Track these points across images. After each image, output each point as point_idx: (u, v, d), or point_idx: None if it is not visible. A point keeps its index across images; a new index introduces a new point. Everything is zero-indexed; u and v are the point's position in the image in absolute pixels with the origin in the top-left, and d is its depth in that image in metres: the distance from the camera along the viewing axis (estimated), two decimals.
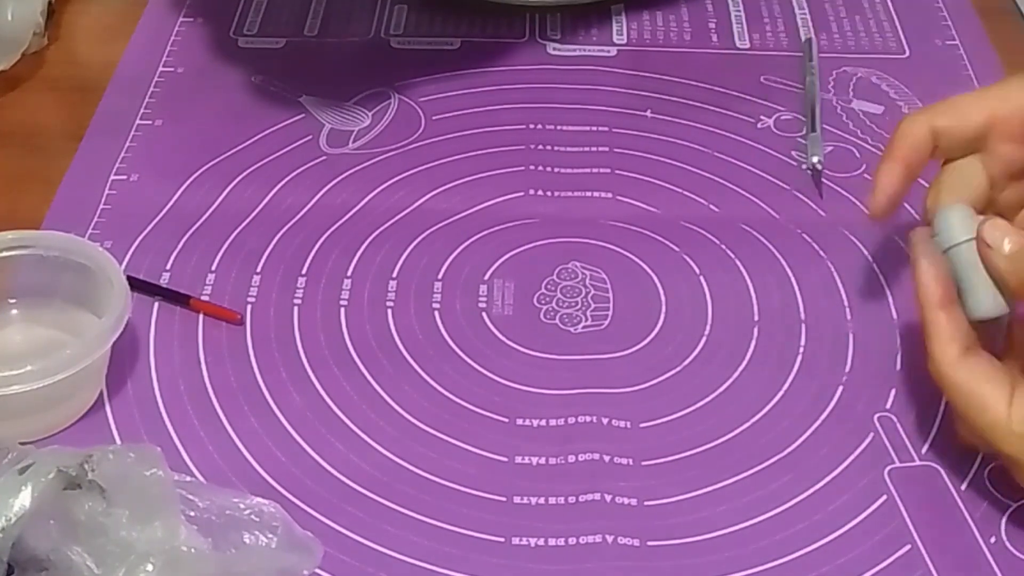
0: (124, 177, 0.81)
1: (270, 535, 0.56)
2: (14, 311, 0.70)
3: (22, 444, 0.57)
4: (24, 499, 0.51)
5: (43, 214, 0.78)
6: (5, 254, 0.69)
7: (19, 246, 0.69)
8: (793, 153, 0.84)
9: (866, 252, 0.77)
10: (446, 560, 0.60)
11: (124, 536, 0.52)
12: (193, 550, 0.53)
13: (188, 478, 0.60)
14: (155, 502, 0.54)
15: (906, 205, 0.77)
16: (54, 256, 0.69)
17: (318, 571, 0.59)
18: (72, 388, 0.65)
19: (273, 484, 0.63)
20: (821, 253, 0.77)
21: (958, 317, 0.61)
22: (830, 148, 0.85)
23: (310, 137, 0.85)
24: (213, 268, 0.75)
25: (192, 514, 0.55)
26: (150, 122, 0.85)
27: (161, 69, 0.90)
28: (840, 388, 0.69)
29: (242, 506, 0.56)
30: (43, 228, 0.77)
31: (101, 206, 0.79)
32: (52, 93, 0.90)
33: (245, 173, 0.81)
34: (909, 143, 0.67)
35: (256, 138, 0.84)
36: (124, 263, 0.74)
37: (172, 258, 0.75)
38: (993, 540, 0.61)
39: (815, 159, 0.83)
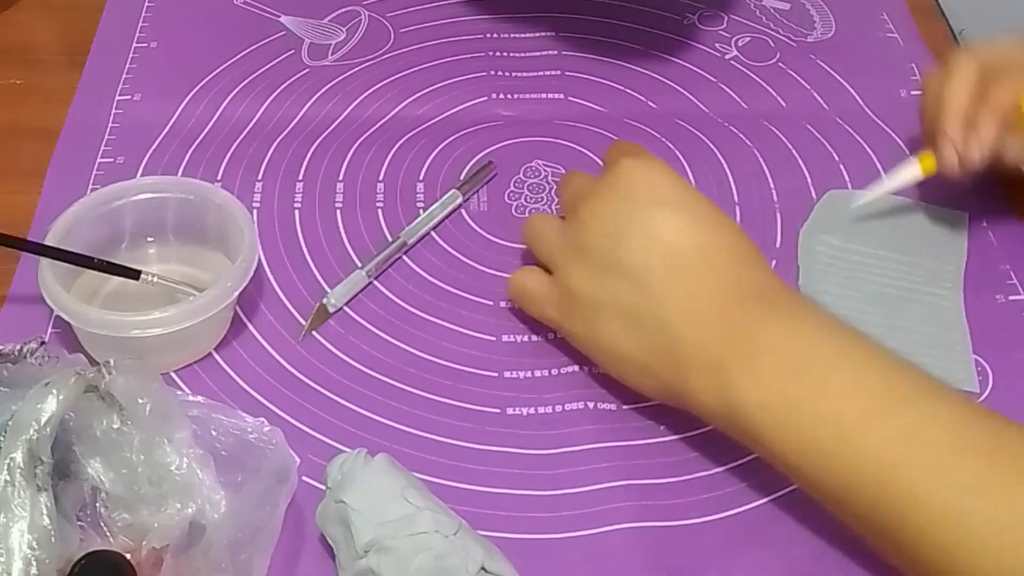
0: (128, 97, 0.84)
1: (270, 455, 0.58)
2: (151, 250, 0.72)
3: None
4: (51, 404, 0.54)
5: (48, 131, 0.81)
6: (147, 196, 0.70)
7: (158, 190, 0.71)
8: (716, 45, 0.91)
9: (786, 141, 0.83)
10: (446, 431, 0.65)
11: (139, 457, 0.56)
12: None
13: (191, 397, 0.61)
14: (167, 420, 0.57)
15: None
16: (190, 200, 0.70)
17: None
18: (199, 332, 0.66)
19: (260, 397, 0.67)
20: (748, 143, 0.83)
21: None
22: (748, 39, 0.92)
23: (292, 51, 0.88)
24: (219, 177, 0.78)
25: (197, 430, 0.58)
26: (146, 45, 0.88)
27: None
28: None
29: (245, 427, 0.59)
30: (59, 146, 0.79)
31: (110, 124, 0.81)
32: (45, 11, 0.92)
33: (238, 88, 0.84)
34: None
35: (243, 54, 0.87)
36: (136, 177, 0.77)
37: (180, 171, 0.78)
38: None
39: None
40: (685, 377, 0.60)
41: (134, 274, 0.67)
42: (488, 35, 0.90)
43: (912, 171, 0.74)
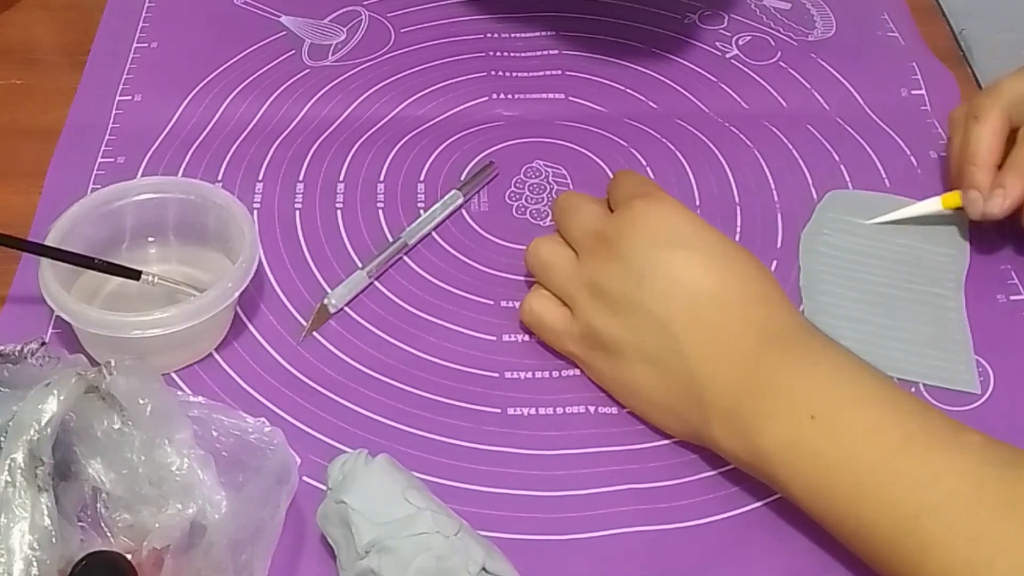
0: (129, 97, 0.84)
1: (270, 455, 0.58)
2: (152, 250, 0.72)
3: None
4: (52, 404, 0.54)
5: (48, 131, 0.81)
6: (148, 196, 0.70)
7: (159, 191, 0.70)
8: (717, 44, 0.91)
9: (787, 141, 0.83)
10: (447, 431, 0.65)
11: (140, 458, 0.56)
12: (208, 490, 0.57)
13: (192, 397, 0.61)
14: (168, 421, 0.57)
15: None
16: (191, 200, 0.70)
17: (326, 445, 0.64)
18: (201, 331, 0.66)
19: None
20: (748, 143, 0.83)
21: None
22: (748, 38, 0.92)
23: (293, 52, 0.88)
24: (220, 178, 0.78)
25: (198, 430, 0.58)
26: (146, 45, 0.88)
27: None
28: None
29: (245, 427, 0.59)
30: (59, 146, 0.79)
31: (110, 124, 0.81)
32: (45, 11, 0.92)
33: (239, 88, 0.84)
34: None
35: (244, 54, 0.87)
36: (136, 177, 0.77)
37: (181, 171, 0.78)
38: None
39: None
40: (708, 421, 0.61)
41: (134, 274, 0.67)
42: (488, 35, 0.90)
43: (933, 205, 0.76)
